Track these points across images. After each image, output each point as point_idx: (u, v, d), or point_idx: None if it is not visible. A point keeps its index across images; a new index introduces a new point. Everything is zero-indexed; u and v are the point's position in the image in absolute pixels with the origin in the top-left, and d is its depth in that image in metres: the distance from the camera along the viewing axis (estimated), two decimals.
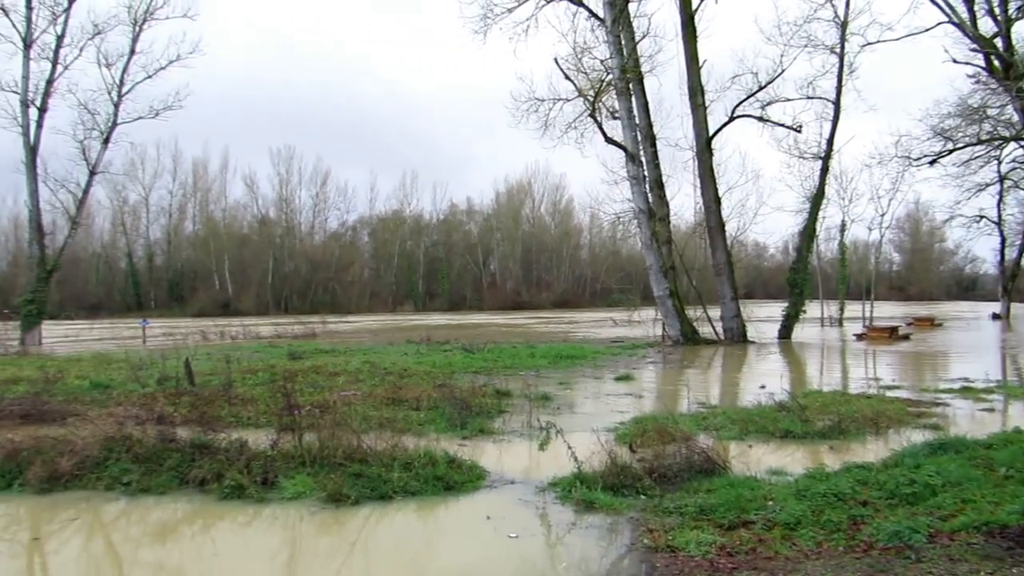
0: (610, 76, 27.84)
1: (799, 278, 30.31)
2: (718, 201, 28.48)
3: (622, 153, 28.02)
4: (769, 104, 29.28)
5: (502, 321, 54.60)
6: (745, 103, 29.17)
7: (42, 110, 29.92)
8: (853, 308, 43.38)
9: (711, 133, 28.50)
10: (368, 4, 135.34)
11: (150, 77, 31.89)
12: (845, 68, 28.99)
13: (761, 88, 28.85)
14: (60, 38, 30.04)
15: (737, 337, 27.82)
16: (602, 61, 28.44)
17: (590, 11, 28.19)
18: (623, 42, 27.57)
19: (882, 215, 40.22)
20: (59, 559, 5.78)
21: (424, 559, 5.62)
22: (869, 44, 27.92)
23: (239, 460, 7.27)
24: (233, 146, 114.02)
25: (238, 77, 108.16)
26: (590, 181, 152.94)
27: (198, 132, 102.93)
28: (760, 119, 29.46)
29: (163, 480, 7.20)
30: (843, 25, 28.50)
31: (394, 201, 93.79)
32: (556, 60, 28.13)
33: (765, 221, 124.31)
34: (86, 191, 32.42)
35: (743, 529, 5.58)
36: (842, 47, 28.76)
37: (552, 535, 5.87)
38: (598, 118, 28.00)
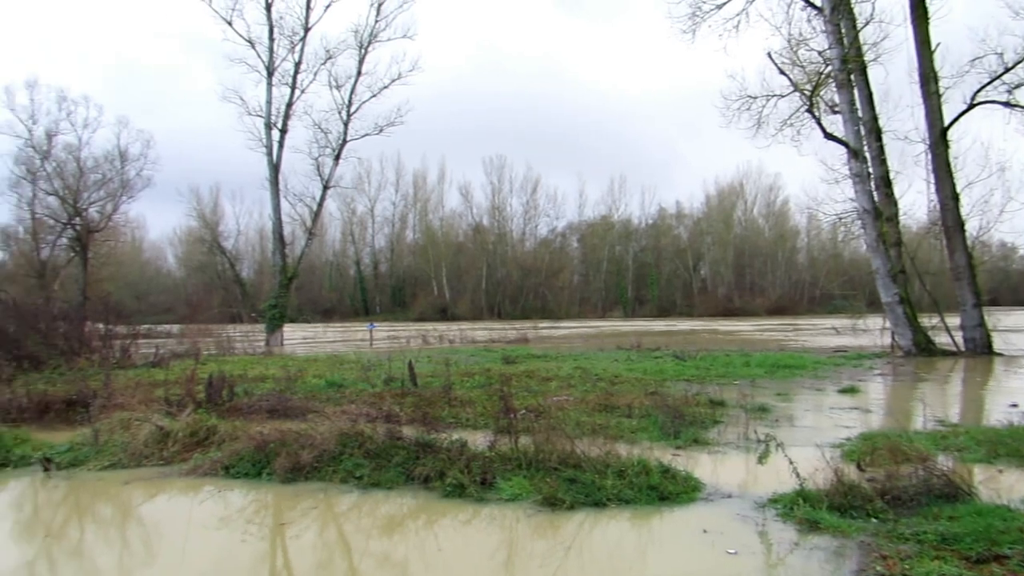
0: (829, 68, 26.22)
1: None
2: (956, 198, 25.87)
3: (843, 149, 26.27)
4: (1018, 87, 26.17)
5: (713, 328, 53.06)
6: (987, 88, 26.27)
7: (283, 131, 33.13)
8: None
9: (947, 123, 25.98)
10: (570, 10, 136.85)
11: (375, 96, 34.36)
12: None
13: (1007, 70, 25.84)
14: (297, 65, 33.20)
15: (980, 348, 25.11)
16: (820, 52, 26.86)
17: (806, 0, 26.74)
18: (843, 30, 25.84)
19: None
20: (300, 544, 6.31)
21: (639, 569, 5.56)
22: None
23: (460, 459, 7.60)
24: (449, 157, 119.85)
25: (453, 90, 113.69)
26: (807, 180, 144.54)
27: (417, 145, 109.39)
28: (1007, 104, 26.40)
29: (391, 475, 7.68)
30: None
31: (602, 206, 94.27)
32: (769, 54, 26.99)
33: (1013, 219, 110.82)
34: (320, 204, 35.42)
35: (995, 564, 5.00)
36: None
37: (773, 554, 5.59)
38: (816, 113, 26.48)
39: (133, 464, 8.76)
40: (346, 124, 34.11)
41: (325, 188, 34.73)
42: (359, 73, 34.01)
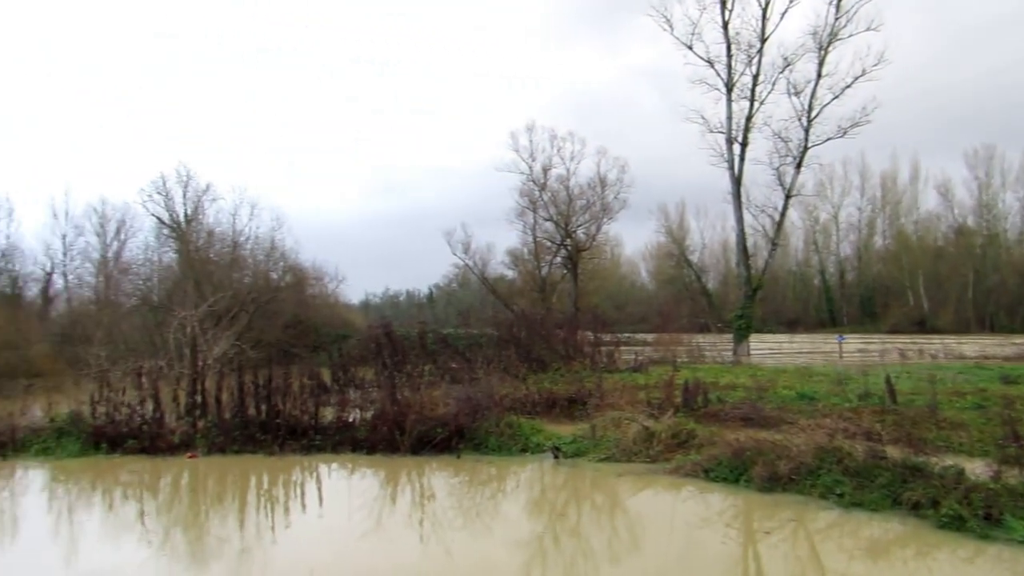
0: None
1: None
2: None
3: None
4: None
5: None
6: None
7: (743, 145, 33.33)
8: None
9: None
10: None
11: (836, 97, 32.59)
12: None
13: None
14: (755, 77, 33.11)
15: None
16: None
17: None
18: None
19: None
20: (775, 554, 6.43)
21: None
22: None
23: (956, 488, 6.96)
24: (922, 153, 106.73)
25: (920, 76, 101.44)
26: None
27: (884, 143, 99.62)
28: None
29: (875, 497, 7.36)
30: None
31: None
32: None
33: None
34: (782, 214, 34.83)
35: None
36: None
37: None
38: None
39: (624, 459, 9.77)
40: (806, 130, 33.04)
41: (787, 197, 34.07)
42: (819, 76, 32.65)
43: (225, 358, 14.87)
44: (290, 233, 39.28)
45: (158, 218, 36.72)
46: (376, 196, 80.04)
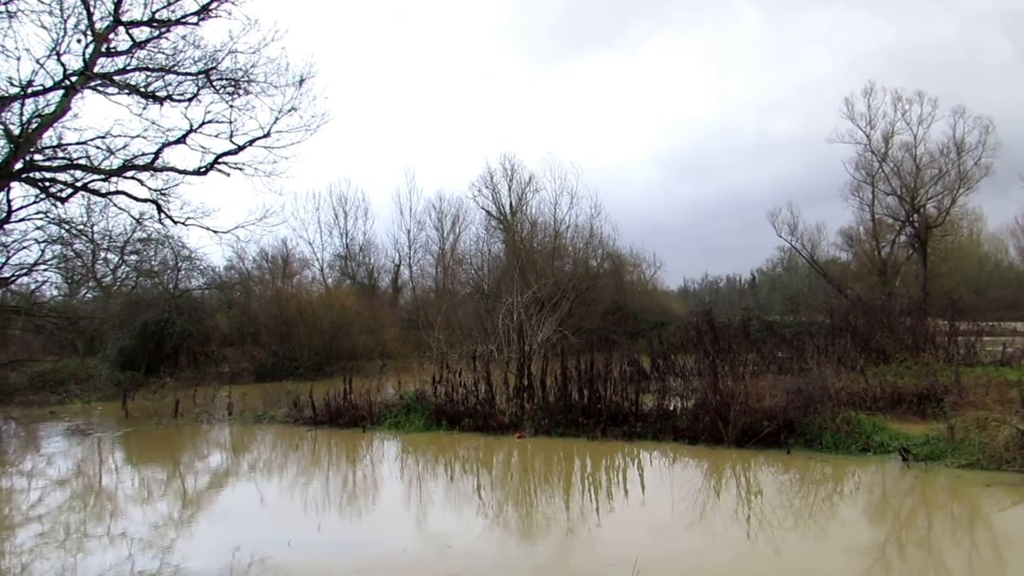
0: None
1: None
2: None
3: None
4: None
5: None
6: None
7: None
8: None
9: None
10: None
11: None
12: None
13: None
14: None
15: None
16: None
17: None
18: None
19: None
20: None
21: None
22: None
23: None
24: None
25: None
26: None
27: None
28: None
29: None
30: None
31: None
32: None
33: None
34: None
35: None
36: None
37: None
38: None
39: (991, 466, 8.41)
40: None
41: None
42: None
43: (549, 343, 15.48)
44: (607, 220, 39.91)
45: (487, 211, 39.77)
46: (685, 179, 78.30)
